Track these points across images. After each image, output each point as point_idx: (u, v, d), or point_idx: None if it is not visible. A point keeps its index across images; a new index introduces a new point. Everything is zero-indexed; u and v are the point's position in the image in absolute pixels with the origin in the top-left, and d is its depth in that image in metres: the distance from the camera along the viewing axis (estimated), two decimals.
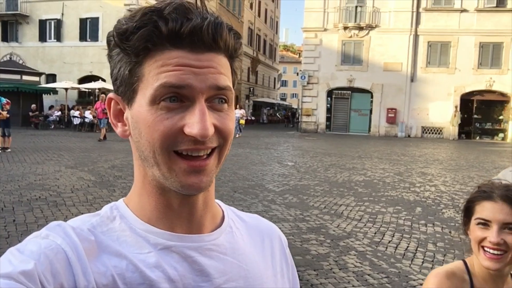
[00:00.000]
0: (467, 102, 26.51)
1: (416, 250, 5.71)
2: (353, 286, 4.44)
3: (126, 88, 0.61)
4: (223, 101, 0.61)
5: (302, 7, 28.50)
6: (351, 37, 27.10)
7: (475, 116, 26.72)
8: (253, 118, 44.11)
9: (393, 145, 21.35)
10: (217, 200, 0.73)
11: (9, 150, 12.97)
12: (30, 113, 23.19)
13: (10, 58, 29.75)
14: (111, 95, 0.65)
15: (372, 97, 27.42)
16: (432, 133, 26.66)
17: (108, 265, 0.58)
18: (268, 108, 54.17)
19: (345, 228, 6.52)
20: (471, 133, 26.59)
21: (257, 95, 52.61)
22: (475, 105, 26.65)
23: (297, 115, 36.97)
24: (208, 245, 0.65)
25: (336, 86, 27.75)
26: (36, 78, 26.31)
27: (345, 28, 27.00)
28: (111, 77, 0.63)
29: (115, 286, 0.57)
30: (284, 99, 77.13)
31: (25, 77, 24.98)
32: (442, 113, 25.96)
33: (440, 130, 26.30)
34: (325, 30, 27.52)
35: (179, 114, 0.58)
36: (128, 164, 11.26)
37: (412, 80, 26.55)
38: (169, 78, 0.57)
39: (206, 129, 0.56)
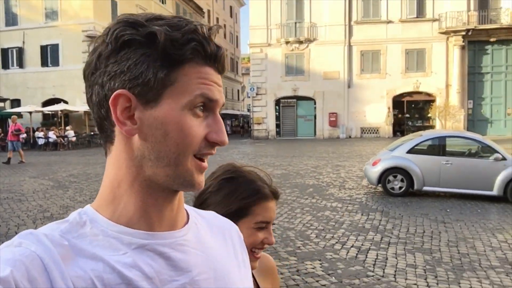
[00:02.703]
0: (398, 103, 29.54)
1: (286, 212, 8.03)
2: None
3: (151, 89, 0.62)
4: None
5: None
6: (292, 50, 29.82)
7: (407, 115, 29.83)
8: None
9: (331, 145, 23.91)
10: None
11: None
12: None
13: None
14: (122, 91, 0.63)
15: (315, 103, 30.15)
16: (370, 133, 29.52)
17: (85, 269, 0.58)
18: (233, 119, 56.13)
19: None
20: (404, 131, 29.60)
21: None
22: (406, 106, 29.72)
23: (249, 124, 39.02)
24: (179, 240, 0.68)
25: (282, 95, 30.37)
26: (1, 104, 27.85)
27: (287, 42, 29.72)
28: (118, 73, 0.62)
29: None
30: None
31: None
32: (377, 114, 28.91)
33: (377, 130, 29.20)
34: (269, 45, 30.18)
35: (203, 122, 0.65)
36: (83, 173, 13.29)
37: (349, 86, 29.44)
38: (207, 91, 0.64)
39: (226, 137, 0.66)
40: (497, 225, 7.10)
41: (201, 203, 1.17)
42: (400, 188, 9.41)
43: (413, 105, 30.08)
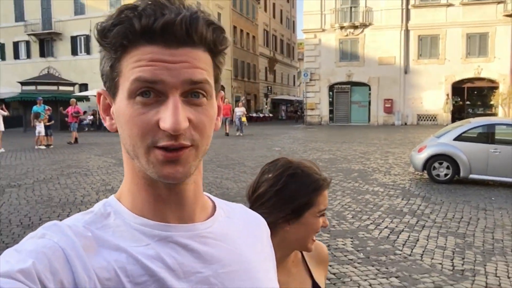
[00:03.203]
0: (458, 89, 28.41)
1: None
2: None
3: (110, 83, 0.63)
4: (201, 95, 0.61)
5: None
6: (347, 35, 29.51)
7: (468, 102, 28.67)
8: (271, 115, 46.37)
9: (384, 132, 23.59)
10: (206, 193, 0.77)
11: (52, 146, 16.44)
12: (66, 119, 26.72)
13: (48, 71, 33.68)
14: (100, 90, 0.67)
15: (370, 89, 29.75)
16: (427, 120, 28.71)
17: (109, 259, 0.59)
18: (288, 104, 56.21)
19: None
20: (464, 118, 28.46)
21: (276, 93, 54.98)
22: (466, 92, 28.55)
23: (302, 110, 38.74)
24: (203, 232, 0.68)
25: (336, 81, 30.22)
26: (70, 88, 29.98)
27: (341, 27, 29.45)
28: (100, 73, 0.65)
29: (117, 279, 0.58)
30: None
31: (61, 88, 28.67)
32: (435, 101, 28.02)
33: (435, 117, 28.32)
34: (323, 30, 30.04)
35: (154, 109, 0.59)
36: None
37: (405, 72, 28.71)
38: (142, 73, 0.58)
39: (178, 123, 0.57)
40: None
41: (267, 199, 1.21)
42: (446, 175, 9.39)
43: (475, 92, 28.87)
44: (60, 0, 33.77)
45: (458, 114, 28.44)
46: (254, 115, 41.38)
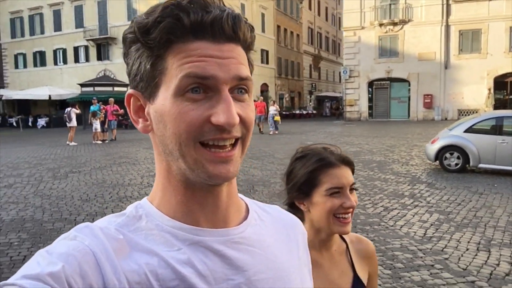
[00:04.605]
0: (501, 84, 28.00)
1: None
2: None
3: (148, 83, 0.61)
4: (244, 91, 0.62)
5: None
6: (386, 32, 29.85)
7: (510, 97, 28.13)
8: (314, 112, 46.98)
9: (421, 127, 23.79)
10: (240, 195, 0.74)
11: (106, 141, 18.46)
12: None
13: (104, 73, 36.43)
14: (130, 91, 0.64)
15: (409, 85, 29.92)
16: (468, 114, 28.40)
17: (140, 263, 0.58)
18: (334, 101, 56.36)
19: None
20: None
21: (320, 90, 55.49)
22: (509, 86, 28.06)
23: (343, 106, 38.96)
24: (236, 238, 0.66)
25: (375, 77, 30.67)
26: (124, 89, 32.29)
27: (381, 24, 29.83)
28: (129, 74, 0.64)
29: (148, 283, 0.57)
30: None
31: (116, 89, 31.08)
32: (477, 96, 27.77)
33: (476, 112, 28.02)
34: (363, 28, 30.54)
35: (204, 104, 0.58)
36: None
37: (446, 67, 28.64)
38: (194, 69, 0.57)
39: (233, 118, 0.57)
40: None
41: (286, 184, 1.30)
42: (456, 164, 10.07)
43: None
44: (115, 7, 36.37)
45: (503, 108, 28.02)
46: (298, 112, 42.19)
